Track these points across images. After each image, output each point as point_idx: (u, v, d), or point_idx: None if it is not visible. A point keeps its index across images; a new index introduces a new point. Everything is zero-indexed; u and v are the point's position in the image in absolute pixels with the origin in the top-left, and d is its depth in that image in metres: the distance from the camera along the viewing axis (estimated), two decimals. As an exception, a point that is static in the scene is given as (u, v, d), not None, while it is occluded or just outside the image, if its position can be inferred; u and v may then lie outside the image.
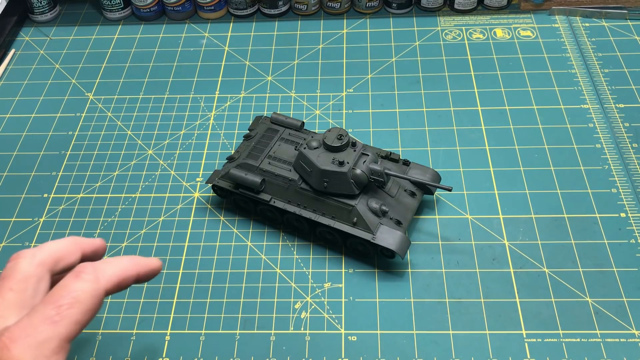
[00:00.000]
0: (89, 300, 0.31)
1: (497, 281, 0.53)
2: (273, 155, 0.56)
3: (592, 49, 0.74)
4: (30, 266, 0.33)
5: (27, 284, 0.32)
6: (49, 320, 0.30)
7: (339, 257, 0.56)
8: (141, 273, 0.35)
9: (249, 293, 0.53)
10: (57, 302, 0.30)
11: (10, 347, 0.28)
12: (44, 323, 0.30)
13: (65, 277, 0.32)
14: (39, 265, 0.33)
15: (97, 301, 0.32)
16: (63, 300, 0.30)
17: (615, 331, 0.49)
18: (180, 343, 0.51)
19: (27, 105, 0.73)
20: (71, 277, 0.32)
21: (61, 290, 0.31)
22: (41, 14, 0.84)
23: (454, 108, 0.68)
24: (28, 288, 0.32)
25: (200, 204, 0.61)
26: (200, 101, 0.71)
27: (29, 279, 0.32)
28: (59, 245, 0.35)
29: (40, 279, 0.33)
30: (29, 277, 0.32)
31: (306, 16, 0.82)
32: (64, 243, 0.35)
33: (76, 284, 0.31)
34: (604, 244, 0.55)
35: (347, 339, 0.50)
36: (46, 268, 0.33)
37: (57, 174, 0.65)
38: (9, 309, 0.31)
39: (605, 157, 0.62)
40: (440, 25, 0.79)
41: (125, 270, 0.34)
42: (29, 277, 0.32)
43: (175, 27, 0.82)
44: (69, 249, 0.35)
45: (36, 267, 0.33)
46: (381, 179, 0.52)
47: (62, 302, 0.30)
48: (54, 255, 0.34)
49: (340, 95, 0.70)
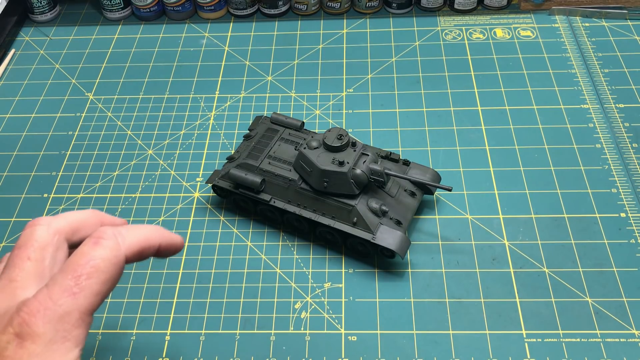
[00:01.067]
0: (110, 268, 0.29)
1: (497, 281, 0.53)
2: (273, 155, 0.56)
3: (592, 49, 0.74)
4: (47, 234, 0.30)
5: (44, 252, 0.30)
6: (68, 291, 0.28)
7: (339, 257, 0.56)
8: (163, 244, 0.33)
9: (249, 293, 0.53)
10: (76, 272, 0.28)
11: (30, 323, 0.27)
12: (63, 295, 0.27)
13: (83, 243, 0.30)
14: (55, 233, 0.31)
15: (118, 269, 0.30)
16: (82, 270, 0.28)
17: (615, 331, 0.49)
18: (180, 343, 0.51)
19: (27, 105, 0.73)
20: (90, 244, 0.29)
21: (80, 259, 0.29)
22: (41, 14, 0.84)
23: (454, 108, 0.68)
24: (46, 257, 0.30)
25: (200, 204, 0.61)
26: (200, 101, 0.71)
27: (46, 248, 0.30)
28: (77, 215, 0.33)
29: (58, 248, 0.31)
30: (46, 245, 0.30)
31: (306, 16, 0.82)
32: (84, 214, 0.33)
33: (95, 251, 0.29)
34: (604, 244, 0.55)
35: (347, 339, 0.50)
36: (63, 237, 0.31)
37: (57, 174, 0.65)
38: (28, 279, 0.29)
39: (605, 157, 0.62)
40: (440, 25, 0.79)
41: (148, 238, 0.32)
42: (47, 246, 0.30)
43: (175, 27, 0.82)
44: (88, 220, 0.33)
45: (53, 235, 0.31)
46: (381, 179, 0.52)
47: (81, 271, 0.28)
48: (72, 224, 0.32)
49: (340, 95, 0.70)
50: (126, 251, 0.30)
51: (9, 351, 0.26)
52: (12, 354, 0.26)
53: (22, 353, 0.26)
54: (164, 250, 0.33)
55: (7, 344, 0.26)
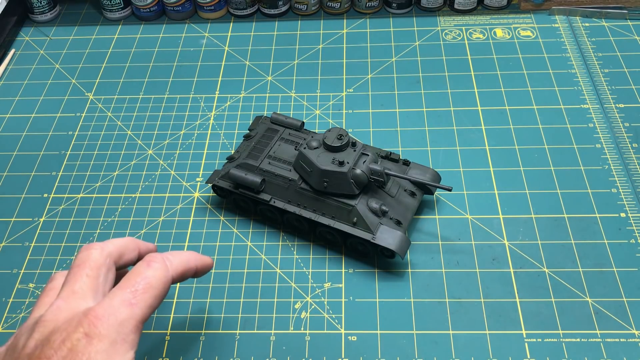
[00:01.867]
0: (160, 286, 0.35)
1: (497, 281, 0.53)
2: (273, 155, 0.56)
3: (592, 49, 0.74)
4: (101, 256, 0.36)
5: (99, 271, 0.36)
6: (127, 302, 0.33)
7: (339, 257, 0.56)
8: (199, 267, 0.40)
9: (249, 293, 0.53)
10: (133, 287, 0.34)
11: (97, 325, 0.32)
12: (123, 305, 0.33)
13: (137, 265, 0.36)
14: (107, 256, 0.37)
15: (166, 287, 0.36)
16: (138, 286, 0.34)
17: (615, 331, 0.49)
18: (180, 343, 0.51)
19: (27, 105, 0.73)
20: (143, 265, 0.36)
21: (136, 277, 0.35)
22: (41, 14, 0.84)
23: (454, 108, 0.68)
24: (100, 275, 0.36)
25: (200, 204, 0.61)
26: (200, 101, 0.71)
27: (100, 267, 0.36)
28: (122, 241, 0.39)
29: (109, 269, 0.37)
30: (100, 265, 0.36)
31: (306, 16, 0.82)
32: (126, 240, 0.39)
33: (148, 271, 0.35)
34: (604, 244, 0.55)
35: (347, 339, 0.50)
36: (113, 260, 0.37)
37: (57, 174, 0.65)
38: (86, 292, 0.35)
39: (605, 157, 0.62)
40: (440, 25, 0.79)
41: (189, 261, 0.39)
42: (101, 266, 0.36)
43: (175, 27, 0.82)
44: (129, 246, 0.39)
45: (105, 258, 0.37)
46: (381, 179, 0.52)
47: (137, 287, 0.34)
48: (119, 249, 0.38)
49: (340, 95, 0.70)
50: (173, 273, 0.37)
51: (79, 347, 0.31)
52: (82, 349, 0.31)
53: (91, 349, 0.31)
54: (200, 271, 0.40)
55: (78, 341, 0.31)
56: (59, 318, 0.33)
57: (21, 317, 0.53)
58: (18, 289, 0.55)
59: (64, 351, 0.31)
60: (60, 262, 0.57)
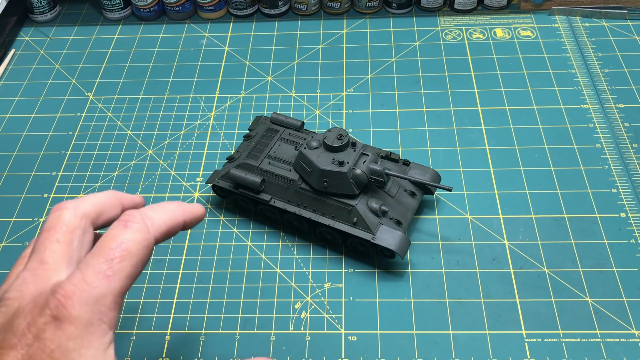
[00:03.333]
0: (140, 251, 0.30)
1: (497, 281, 0.53)
2: (273, 155, 0.56)
3: (592, 49, 0.74)
4: (74, 217, 0.31)
5: (72, 235, 0.30)
6: (102, 274, 0.28)
7: (339, 257, 0.56)
8: (187, 219, 0.34)
9: (249, 293, 0.53)
10: (108, 255, 0.29)
11: (67, 305, 0.27)
12: (97, 278, 0.28)
13: (112, 227, 0.30)
14: (82, 217, 0.31)
15: (147, 252, 0.30)
16: (114, 253, 0.29)
17: (615, 331, 0.49)
18: (180, 343, 0.51)
19: (27, 105, 0.73)
20: (119, 227, 0.30)
21: (111, 242, 0.29)
22: (41, 14, 0.84)
23: (454, 108, 0.68)
24: (74, 240, 0.30)
25: (200, 204, 0.61)
26: (200, 101, 0.71)
27: (74, 231, 0.30)
28: (100, 197, 0.33)
29: (85, 231, 0.31)
30: (74, 228, 0.31)
31: (306, 16, 0.82)
32: (106, 195, 0.33)
33: (125, 234, 0.29)
34: (604, 244, 0.55)
35: (347, 339, 0.50)
36: (89, 220, 0.32)
37: (57, 174, 0.65)
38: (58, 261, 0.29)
39: (605, 157, 0.62)
40: (440, 25, 0.79)
41: (174, 217, 0.33)
42: (74, 229, 0.31)
43: (175, 27, 0.82)
44: (110, 202, 0.33)
45: (80, 219, 0.31)
46: (381, 179, 0.52)
47: (113, 254, 0.29)
48: (96, 207, 0.32)
49: (340, 95, 0.70)
50: (155, 233, 0.31)
51: (47, 333, 0.26)
52: (51, 335, 0.26)
53: (61, 335, 0.26)
54: (189, 224, 0.34)
55: (45, 326, 0.26)
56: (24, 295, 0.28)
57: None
58: (18, 289, 0.55)
59: (29, 339, 0.26)
60: (60, 262, 0.57)
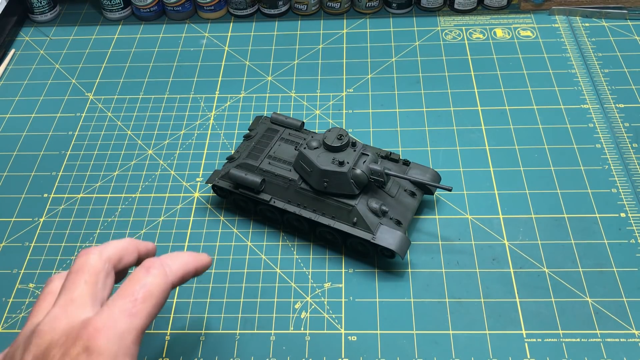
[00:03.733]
0: (160, 293, 0.34)
1: (497, 281, 0.53)
2: (273, 155, 0.56)
3: (592, 49, 0.74)
4: (99, 261, 0.35)
5: (97, 277, 0.34)
6: (127, 312, 0.32)
7: (339, 257, 0.56)
8: (198, 267, 0.38)
9: (249, 293, 0.53)
10: (133, 296, 0.33)
11: (97, 338, 0.30)
12: (123, 315, 0.32)
13: (135, 272, 0.34)
14: (106, 261, 0.35)
15: (166, 294, 0.34)
16: (137, 294, 0.33)
17: (615, 331, 0.49)
18: (180, 343, 0.51)
19: (27, 105, 0.73)
20: (142, 272, 0.34)
21: (135, 285, 0.33)
22: (41, 14, 0.84)
23: (454, 108, 0.68)
24: (98, 281, 0.34)
25: (200, 204, 0.61)
26: (200, 101, 0.71)
27: (99, 273, 0.35)
28: (120, 244, 0.37)
29: (108, 274, 0.35)
30: (99, 271, 0.35)
31: (306, 16, 0.82)
32: (125, 243, 0.38)
33: (147, 278, 0.34)
34: (604, 244, 0.55)
35: (347, 339, 0.50)
36: (112, 264, 0.36)
37: (57, 174, 0.65)
38: (85, 300, 0.33)
39: (605, 157, 0.62)
40: (440, 25, 0.79)
41: (187, 264, 0.37)
42: (99, 272, 0.35)
43: (175, 27, 0.82)
44: (128, 249, 0.38)
45: (104, 263, 0.35)
46: (381, 179, 0.52)
47: (137, 295, 0.33)
48: (117, 253, 0.37)
49: (340, 95, 0.70)
50: (172, 278, 0.35)
51: None
52: None
53: None
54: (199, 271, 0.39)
55: (78, 356, 0.30)
56: (57, 329, 0.31)
57: (21, 317, 0.53)
58: (18, 289, 0.55)
59: None
60: (60, 262, 0.57)
